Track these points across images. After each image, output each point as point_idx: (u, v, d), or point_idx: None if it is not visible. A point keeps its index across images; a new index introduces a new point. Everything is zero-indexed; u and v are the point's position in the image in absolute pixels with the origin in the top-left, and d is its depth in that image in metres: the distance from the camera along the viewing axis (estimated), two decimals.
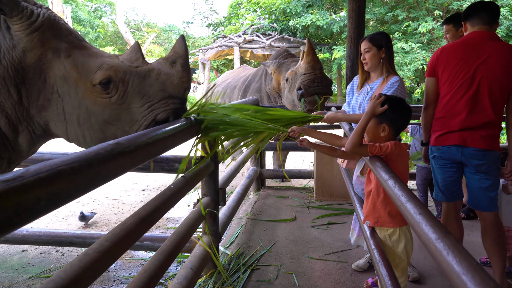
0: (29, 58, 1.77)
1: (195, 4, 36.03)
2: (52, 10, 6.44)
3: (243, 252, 3.17)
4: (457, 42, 2.52)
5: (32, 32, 1.75)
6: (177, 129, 1.86)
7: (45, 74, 1.80)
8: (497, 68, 2.33)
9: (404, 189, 1.25)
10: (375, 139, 1.97)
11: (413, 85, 14.45)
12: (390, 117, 1.94)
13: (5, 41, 1.77)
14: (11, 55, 1.76)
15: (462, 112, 2.40)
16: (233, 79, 6.17)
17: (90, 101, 1.85)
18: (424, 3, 13.80)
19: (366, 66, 2.63)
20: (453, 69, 2.45)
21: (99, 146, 1.27)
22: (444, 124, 2.49)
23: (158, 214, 1.81)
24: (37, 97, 1.81)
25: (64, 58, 1.81)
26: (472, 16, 2.48)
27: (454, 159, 2.47)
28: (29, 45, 1.76)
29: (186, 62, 2.02)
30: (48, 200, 0.94)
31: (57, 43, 1.81)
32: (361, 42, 2.64)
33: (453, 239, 0.86)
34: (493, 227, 2.43)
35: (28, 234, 2.94)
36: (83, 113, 1.86)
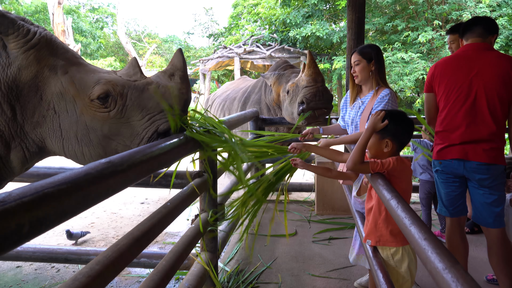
0: (24, 76, 1.75)
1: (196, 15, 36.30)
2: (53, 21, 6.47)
3: (242, 269, 3.10)
4: (451, 56, 2.52)
5: (28, 50, 1.75)
6: (173, 145, 1.81)
7: (41, 91, 1.79)
8: (493, 79, 2.30)
9: (407, 211, 1.19)
10: (378, 155, 1.92)
11: (413, 95, 14.43)
12: (392, 132, 1.89)
13: (0, 58, 1.76)
14: (6, 73, 1.75)
15: (461, 125, 2.37)
16: (233, 90, 6.15)
17: (88, 116, 1.83)
18: (423, 13, 13.84)
19: (356, 79, 2.61)
20: (448, 82, 2.44)
21: (89, 165, 1.22)
22: (444, 137, 2.45)
23: (153, 233, 1.75)
24: (32, 113, 1.79)
25: (61, 75, 1.80)
26: (465, 31, 2.50)
27: (457, 173, 2.42)
28: (24, 63, 1.75)
29: (184, 75, 2.01)
30: (32, 226, 0.89)
31: (54, 60, 1.80)
32: (351, 55, 2.62)
33: (461, 269, 0.80)
34: (500, 244, 2.35)
35: (22, 250, 2.88)
36: (82, 129, 1.83)
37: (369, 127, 1.87)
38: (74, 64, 1.85)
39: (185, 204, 2.21)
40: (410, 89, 13.13)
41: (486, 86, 2.31)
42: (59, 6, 16.97)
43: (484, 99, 2.31)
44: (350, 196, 3.04)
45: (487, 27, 2.44)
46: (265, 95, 4.93)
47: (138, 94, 1.89)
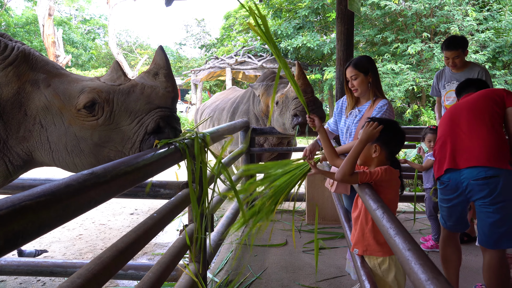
0: (5, 93, 1.71)
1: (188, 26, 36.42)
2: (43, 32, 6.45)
3: (232, 280, 3.06)
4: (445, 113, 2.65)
5: (6, 67, 1.70)
6: (159, 156, 1.79)
7: (25, 106, 1.75)
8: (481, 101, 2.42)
9: (393, 221, 1.19)
10: (366, 161, 1.91)
11: (403, 105, 14.58)
12: (381, 138, 1.89)
13: None
14: None
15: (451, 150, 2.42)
16: (222, 101, 6.15)
17: (77, 127, 1.80)
18: (412, 26, 14.06)
19: (356, 93, 2.59)
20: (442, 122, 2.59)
21: (71, 177, 1.20)
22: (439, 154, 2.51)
23: (138, 245, 1.72)
24: (17, 129, 1.75)
25: (44, 89, 1.77)
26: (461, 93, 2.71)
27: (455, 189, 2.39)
28: (4, 80, 1.71)
29: (169, 72, 1.97)
30: (7, 241, 0.87)
31: (35, 74, 1.77)
32: (346, 69, 2.60)
33: (444, 281, 0.79)
34: (498, 265, 2.28)
35: (6, 264, 2.81)
36: (71, 140, 1.80)
37: (362, 138, 1.84)
38: (56, 75, 1.82)
39: (173, 215, 2.19)
40: (401, 99, 13.27)
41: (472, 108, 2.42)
42: (50, 18, 16.95)
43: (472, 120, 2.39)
44: (339, 207, 3.04)
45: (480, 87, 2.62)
46: (254, 106, 4.93)
47: (124, 98, 1.87)
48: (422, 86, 12.99)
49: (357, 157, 1.85)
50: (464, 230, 2.57)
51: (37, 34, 28.82)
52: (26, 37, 29.21)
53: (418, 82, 12.66)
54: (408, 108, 13.96)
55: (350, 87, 2.59)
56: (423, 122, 12.85)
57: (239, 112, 5.18)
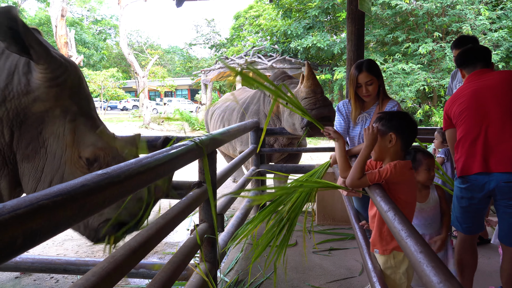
0: (36, 107, 1.75)
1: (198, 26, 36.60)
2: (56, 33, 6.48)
3: (242, 280, 3.07)
4: (461, 87, 2.49)
5: (51, 87, 1.73)
6: (172, 156, 1.81)
7: (43, 126, 1.78)
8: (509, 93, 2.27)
9: (404, 223, 1.18)
10: (383, 154, 1.89)
11: (414, 106, 14.46)
12: (395, 126, 1.86)
13: (19, 85, 1.74)
14: (20, 100, 1.74)
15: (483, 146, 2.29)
16: (232, 101, 6.16)
17: (69, 169, 1.83)
18: (424, 25, 13.94)
19: (368, 98, 2.53)
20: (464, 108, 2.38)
21: (85, 177, 1.22)
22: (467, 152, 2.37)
23: (150, 244, 1.74)
24: (27, 145, 1.78)
25: (69, 120, 1.80)
26: (467, 64, 2.51)
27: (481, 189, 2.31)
28: (44, 97, 1.74)
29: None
30: (25, 238, 0.89)
31: (70, 103, 1.80)
32: (358, 75, 2.50)
33: (456, 283, 0.79)
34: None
35: (21, 261, 2.86)
36: (58, 178, 1.83)
37: (367, 144, 1.83)
38: (85, 115, 1.85)
39: (184, 215, 2.20)
40: (411, 99, 13.16)
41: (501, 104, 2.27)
42: (62, 19, 17.17)
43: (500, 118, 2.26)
44: (350, 208, 3.03)
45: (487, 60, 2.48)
46: (264, 106, 4.94)
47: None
48: (433, 86, 12.87)
49: (365, 163, 1.84)
50: (480, 232, 2.50)
51: (50, 34, 29.23)
52: None
53: (430, 82, 12.55)
54: (419, 109, 13.83)
55: (365, 93, 2.50)
56: (435, 123, 12.72)
57: (249, 112, 5.19)
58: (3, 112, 1.72)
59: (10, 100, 1.73)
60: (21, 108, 1.73)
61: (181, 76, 39.84)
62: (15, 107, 1.73)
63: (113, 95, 26.70)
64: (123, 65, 36.79)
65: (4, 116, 1.73)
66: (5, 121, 1.73)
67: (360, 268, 3.23)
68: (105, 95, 26.49)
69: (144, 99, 21.64)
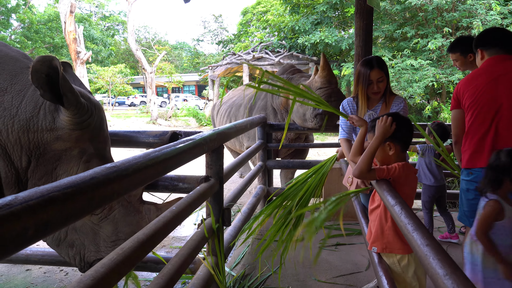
0: (57, 145, 1.82)
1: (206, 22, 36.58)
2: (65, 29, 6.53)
3: (248, 274, 3.09)
4: (477, 70, 2.41)
5: (76, 130, 1.81)
6: (179, 150, 1.83)
7: (59, 163, 1.85)
8: None
9: (411, 217, 1.19)
10: (386, 160, 1.91)
11: (423, 102, 14.34)
12: (393, 134, 1.88)
13: (44, 120, 1.82)
14: (43, 136, 1.81)
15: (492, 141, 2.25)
16: (238, 97, 6.18)
17: None
18: (433, 21, 13.79)
19: (378, 95, 2.50)
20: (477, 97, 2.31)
21: (95, 170, 1.24)
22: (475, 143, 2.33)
23: (158, 237, 1.76)
24: (40, 177, 1.85)
25: (83, 161, 1.87)
26: (489, 46, 2.38)
27: None
28: (66, 137, 1.82)
29: None
30: (37, 229, 0.91)
31: (88, 146, 1.87)
32: (371, 72, 2.44)
33: (462, 276, 0.80)
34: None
35: (31, 253, 2.91)
36: None
37: (378, 134, 1.84)
38: (99, 156, 1.92)
39: (191, 209, 2.22)
40: (420, 95, 13.05)
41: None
42: (71, 15, 17.27)
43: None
44: (356, 203, 3.03)
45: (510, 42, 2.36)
46: (272, 99, 4.95)
47: (122, 215, 1.97)
48: (442, 82, 12.74)
49: (374, 154, 1.85)
50: None
51: (59, 30, 29.45)
52: (48, 33, 29.87)
53: (439, 78, 12.42)
54: (427, 105, 13.71)
55: (376, 90, 2.47)
56: (443, 119, 12.61)
57: (256, 108, 5.21)
58: (25, 141, 1.80)
59: (34, 132, 1.80)
60: (42, 142, 1.81)
61: (189, 72, 39.92)
62: (37, 140, 1.80)
63: (121, 91, 26.85)
64: (131, 61, 36.95)
65: (25, 144, 1.80)
66: (25, 149, 1.80)
67: (367, 263, 3.23)
68: (113, 91, 26.65)
69: (151, 95, 21.73)
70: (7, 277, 3.31)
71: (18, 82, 1.86)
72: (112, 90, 26.47)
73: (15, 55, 2.01)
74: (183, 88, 41.82)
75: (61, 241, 1.94)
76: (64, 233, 1.92)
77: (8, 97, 1.84)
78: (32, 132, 1.80)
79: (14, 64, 1.93)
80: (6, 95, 1.84)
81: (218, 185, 2.71)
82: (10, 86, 1.86)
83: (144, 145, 2.96)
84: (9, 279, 3.27)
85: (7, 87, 1.86)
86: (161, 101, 32.95)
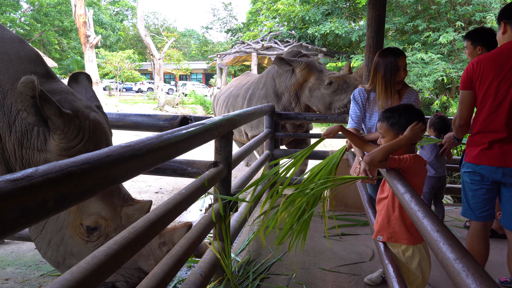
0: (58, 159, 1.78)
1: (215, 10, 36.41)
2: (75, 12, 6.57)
3: (253, 260, 3.13)
4: (494, 52, 2.27)
5: (64, 156, 1.73)
6: (191, 133, 1.85)
7: None
8: None
9: (421, 204, 1.20)
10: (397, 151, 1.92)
11: (432, 97, 14.22)
12: (405, 126, 1.88)
13: (37, 140, 1.75)
14: (33, 155, 1.75)
15: (502, 128, 2.20)
16: (236, 87, 6.21)
17: (69, 233, 1.86)
18: (446, 14, 13.60)
19: (401, 84, 2.51)
20: (492, 81, 2.21)
21: (110, 148, 1.26)
22: (482, 139, 2.29)
23: (168, 218, 1.79)
24: None
25: None
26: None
27: (493, 178, 2.27)
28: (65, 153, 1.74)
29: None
30: (56, 201, 0.93)
31: None
32: (399, 59, 2.45)
33: (473, 260, 0.81)
34: None
35: None
36: (58, 239, 1.87)
37: (408, 136, 1.84)
38: None
39: (200, 193, 2.24)
40: (429, 90, 12.94)
41: None
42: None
43: None
44: (363, 193, 3.04)
45: None
46: (281, 81, 5.04)
47: None
48: (452, 77, 12.61)
49: (394, 150, 1.83)
50: (492, 220, 2.47)
51: (68, 14, 29.41)
52: (57, 17, 29.86)
53: (449, 72, 12.29)
54: (436, 100, 13.60)
55: (403, 77, 2.48)
56: (452, 114, 12.51)
57: (256, 98, 5.27)
58: (18, 154, 1.76)
59: (26, 148, 1.75)
60: (32, 162, 1.76)
61: (197, 59, 39.83)
62: (28, 157, 1.76)
63: (129, 77, 26.90)
64: (139, 47, 36.91)
65: (19, 158, 1.76)
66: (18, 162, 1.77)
67: (371, 253, 3.26)
68: (121, 77, 26.69)
69: (159, 81, 21.75)
70: (16, 254, 3.38)
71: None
72: (120, 76, 26.51)
73: (25, 54, 1.93)
74: (190, 76, 41.78)
75: (59, 263, 1.92)
76: (62, 257, 1.90)
77: (8, 102, 1.77)
78: (25, 148, 1.75)
79: (19, 66, 1.86)
80: (6, 99, 1.77)
81: (227, 171, 2.74)
82: (10, 90, 1.78)
83: (154, 128, 2.98)
84: (19, 256, 3.34)
85: (8, 90, 1.78)
86: (168, 88, 32.97)
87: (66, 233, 1.86)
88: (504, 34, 2.29)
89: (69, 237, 1.86)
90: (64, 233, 1.86)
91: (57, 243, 1.87)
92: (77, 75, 2.30)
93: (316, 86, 4.75)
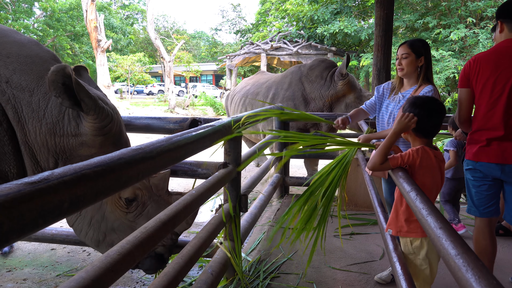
0: (83, 151, 1.90)
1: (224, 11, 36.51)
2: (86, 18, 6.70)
3: (264, 259, 3.16)
4: (490, 51, 2.31)
5: (99, 135, 1.88)
6: (200, 135, 1.89)
7: None
8: None
9: (425, 202, 1.22)
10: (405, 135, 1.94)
11: (444, 94, 14.08)
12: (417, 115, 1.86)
13: (69, 126, 1.89)
14: (68, 140, 1.88)
15: (499, 126, 2.22)
16: (253, 85, 6.18)
17: (110, 208, 2.00)
18: (456, 10, 13.45)
19: (401, 72, 2.51)
20: (488, 79, 2.24)
21: (122, 151, 1.30)
22: (481, 137, 2.31)
23: (178, 218, 1.83)
24: None
25: None
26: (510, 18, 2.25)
27: (493, 175, 2.29)
28: (90, 143, 1.89)
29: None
30: (71, 202, 0.98)
31: (112, 148, 1.94)
32: (400, 46, 2.52)
33: (473, 255, 0.83)
34: None
35: (56, 233, 3.05)
36: (99, 216, 2.00)
37: (396, 129, 1.84)
38: None
39: (210, 193, 2.29)
40: (441, 87, 12.81)
41: None
42: (92, 3, 17.49)
43: None
44: (373, 192, 3.04)
45: None
46: (314, 87, 5.11)
47: (155, 209, 2.06)
48: None
49: (389, 148, 1.85)
50: (497, 215, 2.46)
51: (80, 19, 29.84)
52: (69, 22, 30.32)
53: (460, 69, 12.16)
54: (448, 97, 13.46)
55: (397, 65, 2.53)
56: None
57: (281, 98, 5.27)
58: (51, 144, 1.88)
59: (60, 136, 1.88)
60: (68, 147, 1.89)
61: (206, 61, 40.03)
62: (63, 144, 1.88)
63: (140, 80, 27.17)
64: (149, 50, 37.25)
65: (52, 147, 1.88)
66: (51, 151, 1.89)
67: (381, 252, 3.26)
68: (132, 80, 26.98)
69: (169, 83, 21.93)
70: (34, 255, 3.47)
71: (43, 84, 1.92)
72: (131, 79, 26.80)
73: (44, 55, 2.06)
74: (200, 78, 42.00)
75: (100, 242, 2.04)
76: (103, 234, 2.02)
77: (36, 98, 1.90)
78: (58, 136, 1.87)
79: (42, 65, 1.98)
80: (33, 96, 1.90)
81: (236, 172, 2.77)
82: (36, 87, 1.92)
83: (164, 131, 3.04)
84: (36, 257, 3.43)
85: (34, 88, 1.91)
86: (179, 90, 33.21)
87: (106, 209, 1.98)
88: (501, 32, 2.32)
89: (110, 212, 1.99)
90: (105, 209, 1.98)
91: (98, 221, 1.99)
92: (78, 69, 2.44)
93: (354, 104, 4.88)
